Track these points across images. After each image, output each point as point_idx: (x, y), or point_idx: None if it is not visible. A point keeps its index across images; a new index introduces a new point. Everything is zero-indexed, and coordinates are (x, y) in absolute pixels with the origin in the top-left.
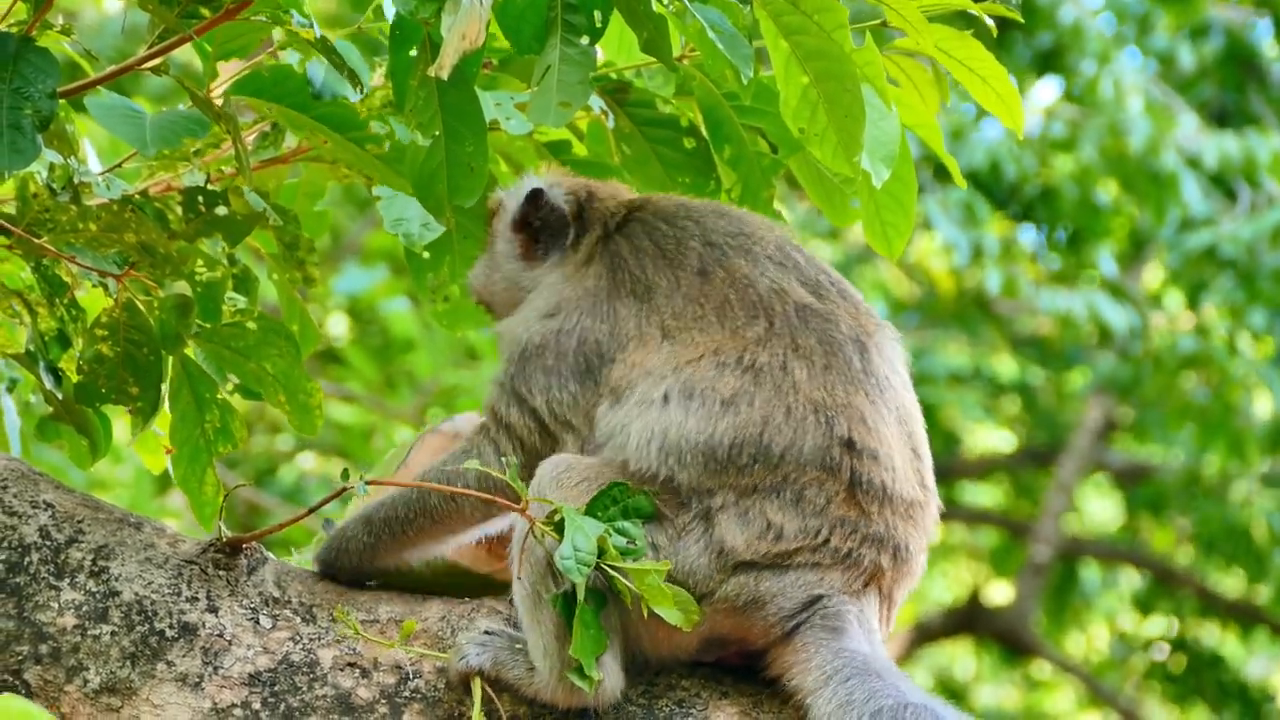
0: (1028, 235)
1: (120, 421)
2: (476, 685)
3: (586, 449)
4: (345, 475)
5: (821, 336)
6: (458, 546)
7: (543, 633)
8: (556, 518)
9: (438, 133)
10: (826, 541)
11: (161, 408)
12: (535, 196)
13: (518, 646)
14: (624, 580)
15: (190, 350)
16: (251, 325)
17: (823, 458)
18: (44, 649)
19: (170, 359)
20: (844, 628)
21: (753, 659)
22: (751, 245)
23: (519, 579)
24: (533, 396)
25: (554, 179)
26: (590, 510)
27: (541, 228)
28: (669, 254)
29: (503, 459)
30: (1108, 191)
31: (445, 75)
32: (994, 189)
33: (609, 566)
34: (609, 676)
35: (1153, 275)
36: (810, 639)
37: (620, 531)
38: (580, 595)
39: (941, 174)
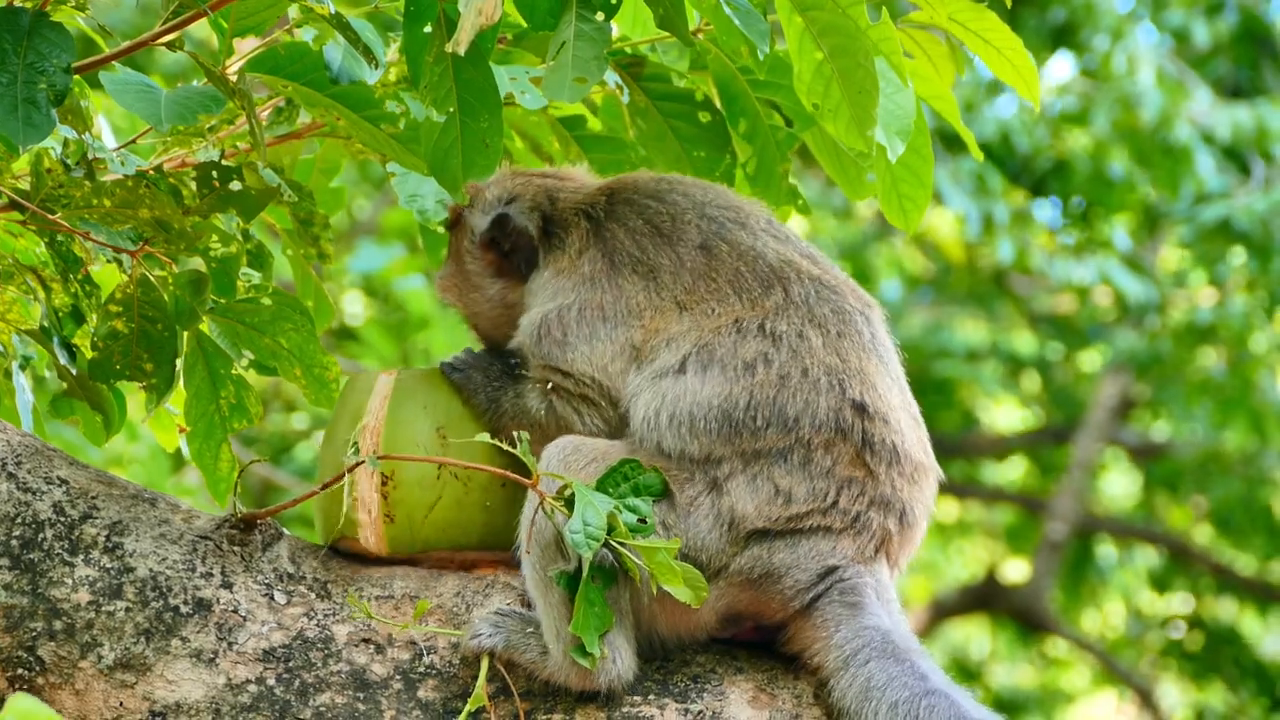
0: (1041, 211)
1: (135, 398)
2: (484, 662)
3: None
4: (355, 451)
5: (834, 307)
6: None
7: (554, 615)
8: (567, 493)
9: (452, 109)
10: (835, 504)
11: (176, 384)
12: (501, 222)
13: (530, 630)
14: (633, 557)
15: (205, 326)
16: (266, 300)
17: (836, 419)
18: (58, 625)
19: (185, 335)
20: (862, 602)
21: (769, 634)
22: (745, 219)
23: (528, 558)
24: (561, 365)
25: (514, 189)
26: (600, 487)
27: (511, 250)
28: (666, 231)
29: (519, 435)
30: (1121, 165)
31: (462, 51)
32: (1006, 161)
33: (618, 543)
34: (620, 658)
35: (1168, 252)
36: (830, 615)
37: (630, 508)
38: (585, 571)
39: (952, 145)
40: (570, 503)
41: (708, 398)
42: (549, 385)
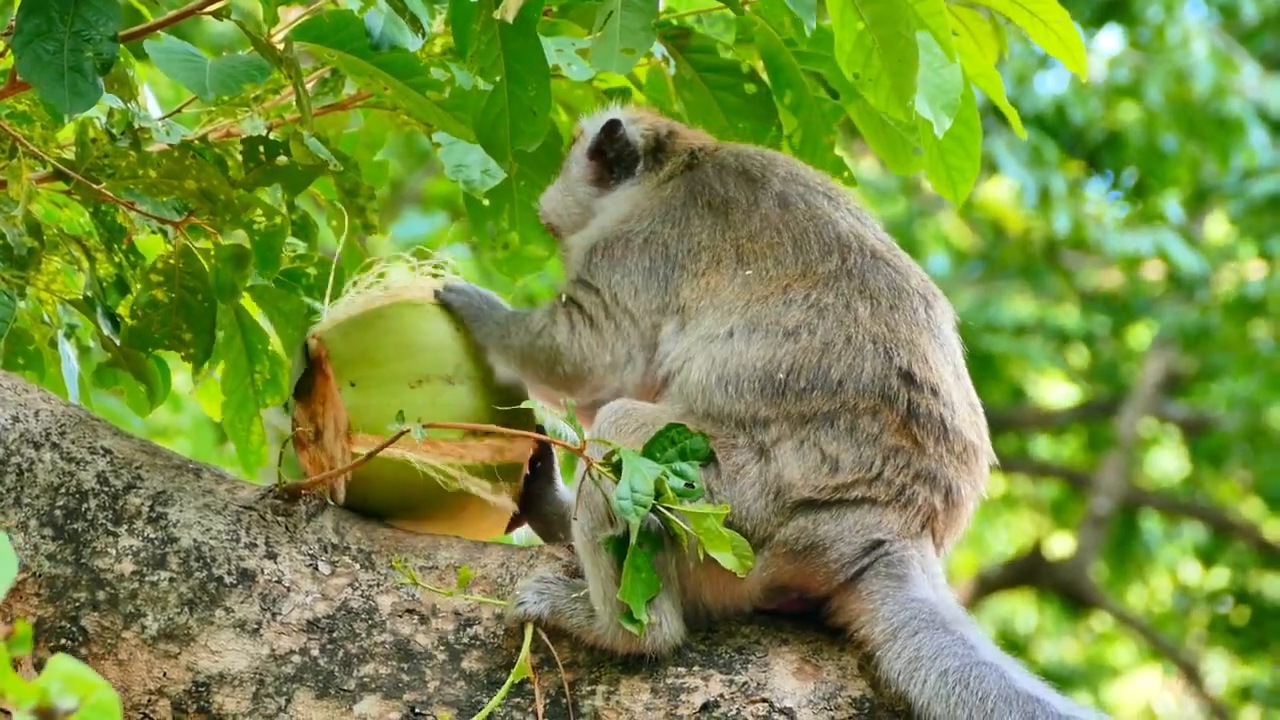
0: (1094, 187)
1: (180, 370)
2: (529, 630)
3: (645, 366)
4: (400, 418)
5: (891, 282)
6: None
7: (601, 578)
8: (614, 459)
9: (500, 77)
10: (880, 474)
11: (215, 353)
12: (611, 128)
13: (575, 595)
14: (681, 523)
15: (246, 301)
16: (311, 270)
17: (881, 386)
18: (101, 595)
19: (224, 307)
20: (908, 575)
21: (814, 605)
22: (833, 194)
23: (577, 522)
24: (597, 282)
25: (637, 115)
26: (647, 452)
27: (615, 159)
28: (753, 175)
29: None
30: (1174, 138)
31: (510, 19)
32: (1060, 133)
33: (666, 509)
34: (666, 622)
35: (1216, 227)
36: (876, 587)
37: (678, 473)
38: (633, 538)
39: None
40: (618, 468)
41: (751, 359)
42: (564, 299)
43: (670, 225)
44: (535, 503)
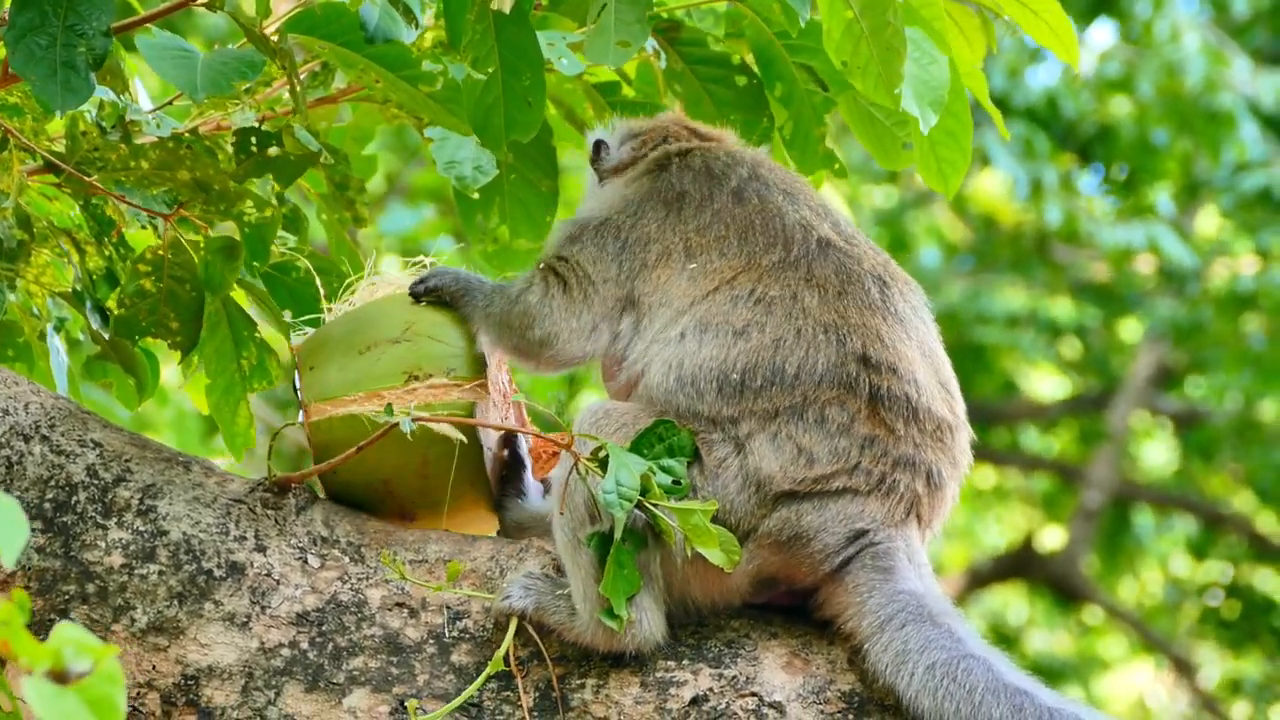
0: (1086, 180)
1: (168, 363)
2: (512, 624)
3: (610, 342)
4: (389, 410)
5: (839, 268)
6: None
7: (582, 576)
8: (601, 455)
9: (493, 68)
10: (858, 464)
11: (201, 342)
12: (598, 146)
13: (560, 592)
14: (668, 520)
15: (235, 291)
16: (301, 263)
17: (838, 374)
18: (91, 588)
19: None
20: (895, 566)
21: (803, 598)
22: (794, 189)
23: (559, 521)
24: (565, 253)
25: (642, 126)
26: (635, 448)
27: (602, 175)
28: (714, 172)
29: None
30: (1165, 131)
31: (507, 8)
32: (1051, 126)
33: (653, 505)
34: (647, 619)
35: (1207, 220)
36: (862, 580)
37: (665, 469)
38: (618, 534)
39: (999, 108)
40: (604, 465)
41: (705, 360)
42: (542, 265)
43: (626, 216)
44: (504, 499)
